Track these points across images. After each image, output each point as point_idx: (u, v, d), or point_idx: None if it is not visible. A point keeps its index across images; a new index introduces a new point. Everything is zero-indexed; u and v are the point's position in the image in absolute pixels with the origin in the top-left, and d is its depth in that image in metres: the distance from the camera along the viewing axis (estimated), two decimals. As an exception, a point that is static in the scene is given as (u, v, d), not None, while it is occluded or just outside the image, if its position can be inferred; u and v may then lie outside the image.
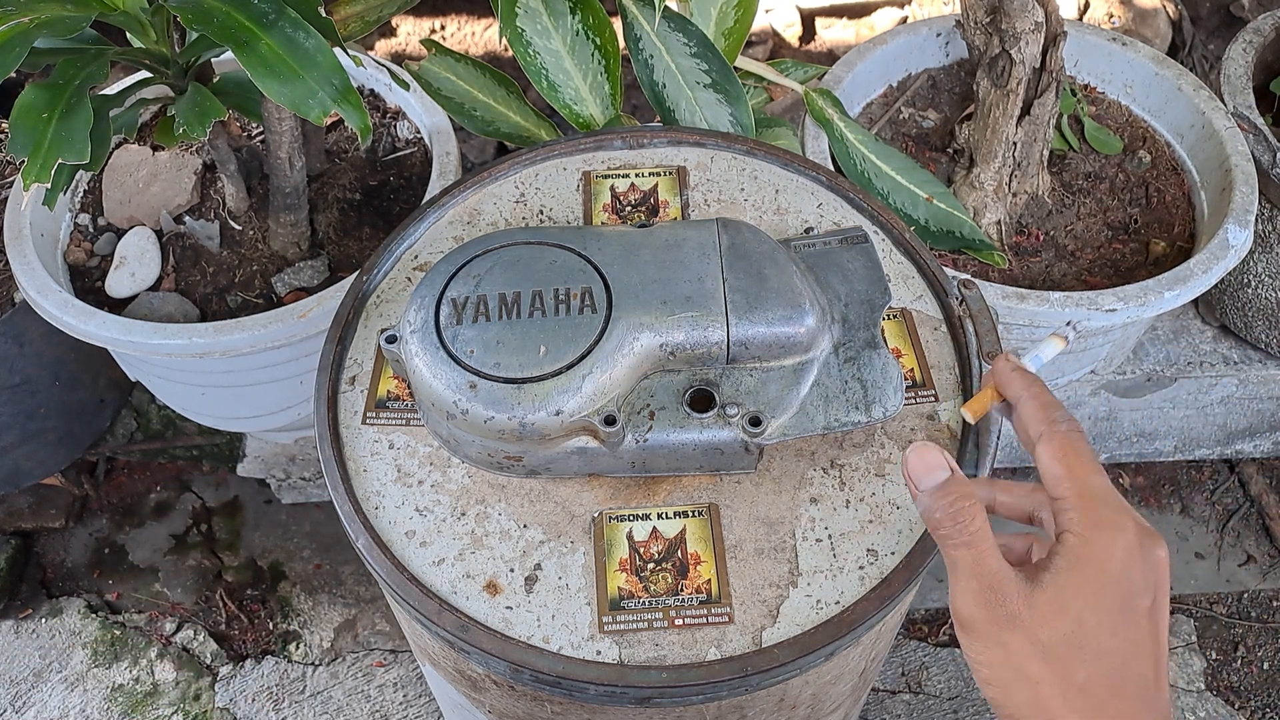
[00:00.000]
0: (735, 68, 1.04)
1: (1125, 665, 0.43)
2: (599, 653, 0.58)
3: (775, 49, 1.90)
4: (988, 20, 1.13)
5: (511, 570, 0.61)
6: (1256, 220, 1.15)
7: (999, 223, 1.18)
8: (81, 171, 1.03)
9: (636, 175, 0.81)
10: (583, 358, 0.59)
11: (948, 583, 0.46)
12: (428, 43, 1.08)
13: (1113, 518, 0.45)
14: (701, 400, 0.62)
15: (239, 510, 1.59)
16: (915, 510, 0.63)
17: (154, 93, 1.12)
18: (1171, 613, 1.46)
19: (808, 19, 1.91)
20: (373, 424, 0.67)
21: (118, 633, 1.45)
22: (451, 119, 1.13)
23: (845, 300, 0.66)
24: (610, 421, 0.59)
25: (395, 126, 1.30)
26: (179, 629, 1.45)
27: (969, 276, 1.08)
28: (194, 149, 1.24)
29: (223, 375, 1.13)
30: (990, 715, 1.36)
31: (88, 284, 1.17)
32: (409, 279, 0.75)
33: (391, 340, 0.62)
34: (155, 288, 1.15)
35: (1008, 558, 0.46)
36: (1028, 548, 0.54)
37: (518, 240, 0.65)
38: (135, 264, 1.15)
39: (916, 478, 0.48)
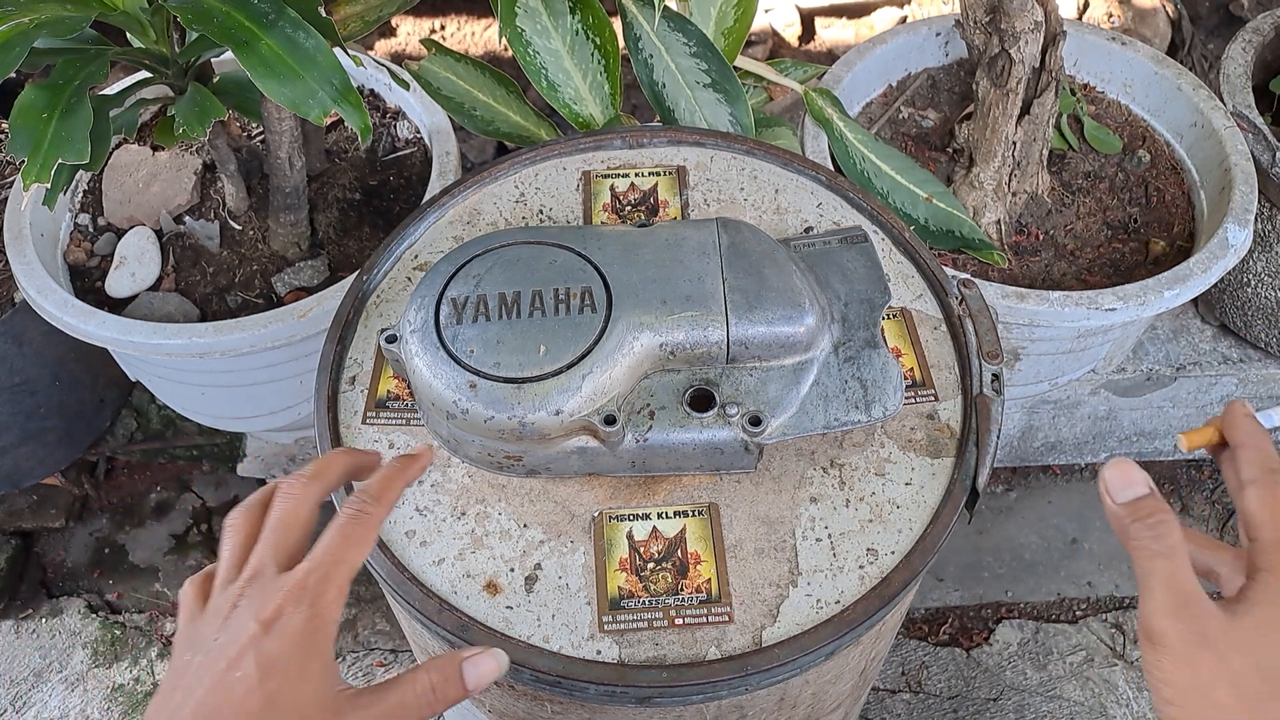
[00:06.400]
0: (735, 67, 1.04)
1: None
2: (599, 652, 0.58)
3: (775, 49, 1.90)
4: (987, 20, 1.13)
5: (511, 570, 0.61)
6: (1256, 219, 1.15)
7: (998, 222, 1.18)
8: (81, 171, 1.03)
9: (636, 175, 0.81)
10: (582, 357, 0.59)
11: (1138, 598, 0.46)
12: (428, 42, 1.08)
13: None
14: (701, 400, 0.62)
15: (239, 510, 1.59)
16: (914, 509, 0.63)
17: (154, 93, 1.12)
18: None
19: (807, 19, 1.91)
20: (373, 424, 0.67)
21: (118, 633, 1.45)
22: (451, 119, 1.13)
23: (845, 300, 0.66)
24: (610, 421, 0.59)
25: (395, 126, 1.30)
26: (179, 629, 1.45)
27: (968, 276, 1.08)
28: (194, 149, 1.24)
29: (223, 375, 1.13)
30: (990, 716, 1.36)
31: (88, 284, 1.17)
32: (409, 279, 0.75)
33: (391, 340, 0.63)
34: (155, 288, 1.15)
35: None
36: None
37: (517, 240, 0.65)
38: (135, 264, 1.15)
39: (1114, 490, 0.48)
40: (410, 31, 1.95)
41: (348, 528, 0.47)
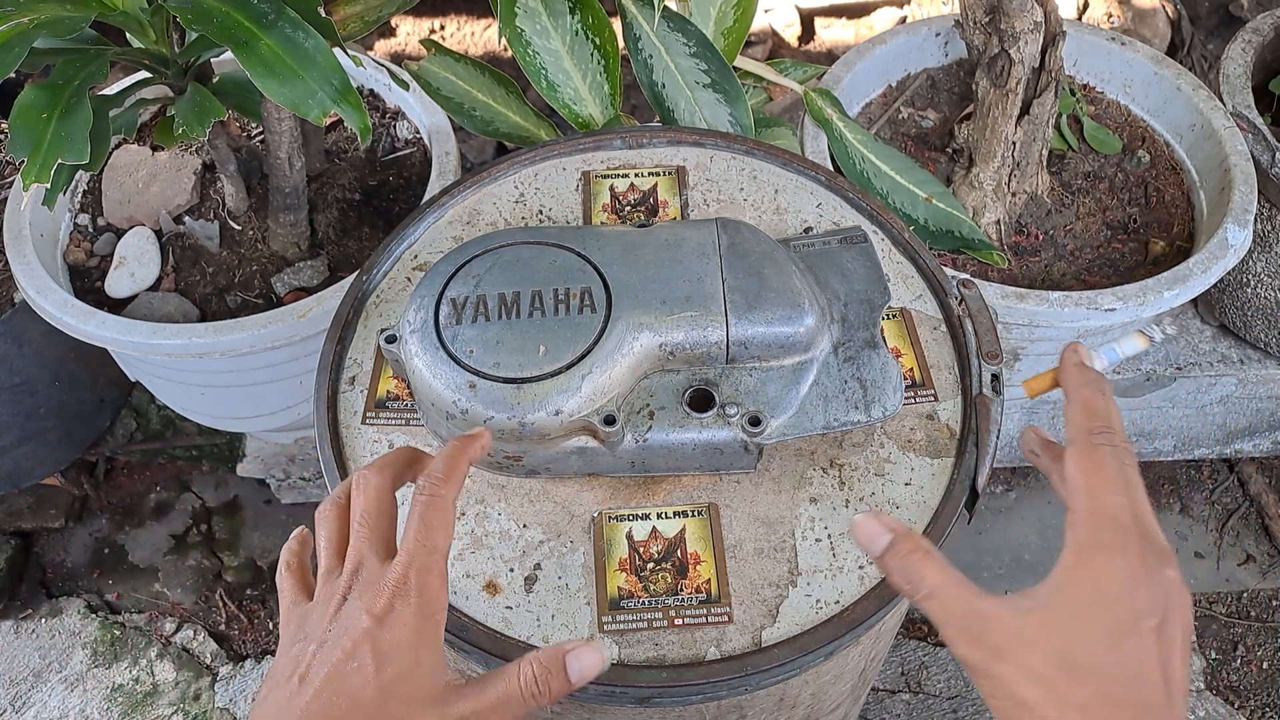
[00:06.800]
0: (734, 67, 1.04)
1: (1129, 685, 0.42)
2: (599, 652, 0.58)
3: (774, 49, 1.90)
4: (987, 20, 1.13)
5: (511, 570, 0.61)
6: (1255, 220, 1.15)
7: (998, 222, 1.18)
8: (81, 171, 1.03)
9: (636, 175, 0.81)
10: (582, 357, 0.59)
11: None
12: (427, 42, 1.08)
13: (1113, 540, 0.45)
14: (701, 400, 0.62)
15: (239, 510, 1.59)
16: (914, 509, 0.63)
17: (154, 93, 1.12)
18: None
19: (807, 19, 1.91)
20: (372, 424, 0.67)
21: (118, 633, 1.45)
22: (451, 119, 1.13)
23: (844, 300, 0.66)
24: (610, 421, 0.59)
25: (395, 126, 1.30)
26: (179, 629, 1.45)
27: (968, 276, 1.08)
28: (193, 149, 1.24)
29: (223, 375, 1.13)
30: (989, 716, 1.36)
31: (87, 284, 1.17)
32: (409, 279, 0.75)
33: (391, 340, 0.63)
34: (155, 288, 1.16)
35: None
36: None
37: (517, 240, 0.65)
38: (135, 264, 1.15)
39: (866, 548, 0.49)
40: (410, 31, 1.95)
41: (427, 514, 0.48)
